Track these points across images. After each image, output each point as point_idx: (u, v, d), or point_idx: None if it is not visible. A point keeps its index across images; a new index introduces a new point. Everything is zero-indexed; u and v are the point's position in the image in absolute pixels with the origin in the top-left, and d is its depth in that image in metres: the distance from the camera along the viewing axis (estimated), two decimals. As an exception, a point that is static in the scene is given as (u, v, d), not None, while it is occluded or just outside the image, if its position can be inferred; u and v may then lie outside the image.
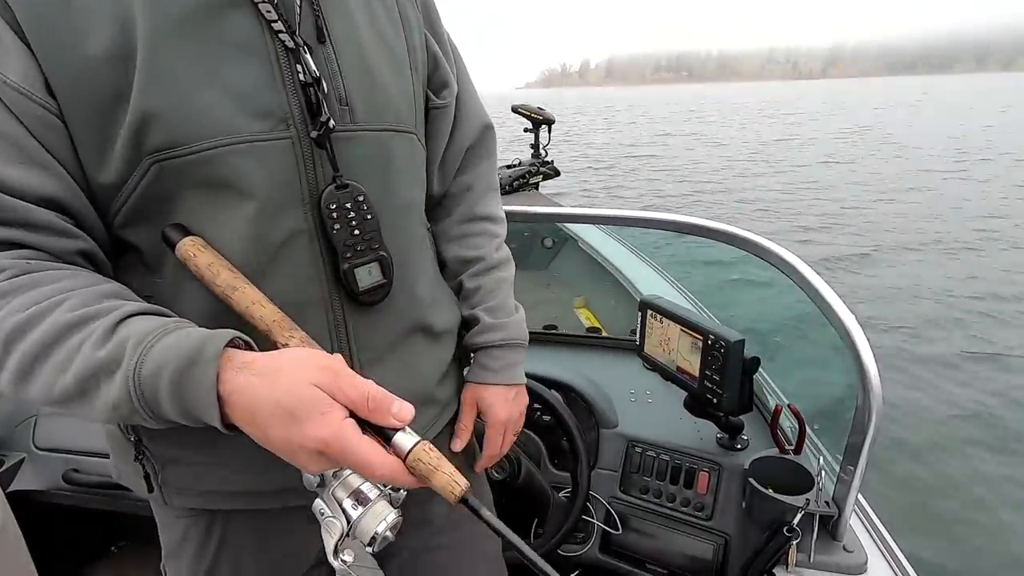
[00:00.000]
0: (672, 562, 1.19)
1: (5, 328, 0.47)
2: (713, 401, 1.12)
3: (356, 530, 0.50)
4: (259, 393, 0.46)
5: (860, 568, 0.95)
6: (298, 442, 0.45)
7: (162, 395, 0.46)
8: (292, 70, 0.57)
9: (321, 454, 0.46)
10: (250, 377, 0.46)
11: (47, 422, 1.61)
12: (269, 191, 0.57)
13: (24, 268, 0.50)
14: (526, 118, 5.59)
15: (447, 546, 0.84)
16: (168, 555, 0.74)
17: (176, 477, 0.66)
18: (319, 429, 0.45)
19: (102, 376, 0.47)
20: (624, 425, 1.31)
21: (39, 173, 0.51)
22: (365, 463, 0.46)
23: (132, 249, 0.59)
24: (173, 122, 0.52)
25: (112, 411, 0.47)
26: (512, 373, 0.82)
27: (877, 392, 0.88)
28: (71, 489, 1.53)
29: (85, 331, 0.47)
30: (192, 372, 0.46)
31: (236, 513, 0.69)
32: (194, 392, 0.46)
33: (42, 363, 0.47)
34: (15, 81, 0.49)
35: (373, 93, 0.64)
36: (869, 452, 0.91)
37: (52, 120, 0.51)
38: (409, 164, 0.70)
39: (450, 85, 0.76)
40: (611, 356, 1.59)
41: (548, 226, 3.76)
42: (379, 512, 0.50)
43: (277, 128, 0.57)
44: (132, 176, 0.54)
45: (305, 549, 0.75)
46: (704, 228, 1.18)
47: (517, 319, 0.84)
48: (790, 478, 1.03)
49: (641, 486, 1.25)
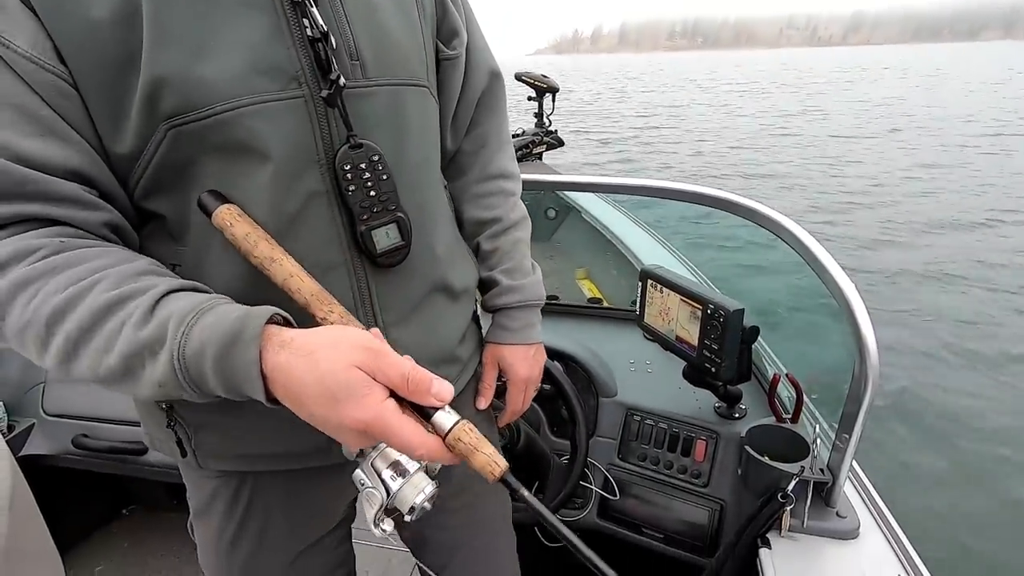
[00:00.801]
0: (668, 527, 1.22)
1: (45, 312, 0.47)
2: (712, 370, 1.13)
3: (395, 500, 0.51)
4: (300, 373, 0.46)
5: (852, 533, 0.97)
6: (338, 422, 0.46)
7: (207, 373, 0.47)
8: (299, 24, 0.55)
9: (362, 433, 0.47)
10: (291, 357, 0.46)
11: (56, 389, 1.64)
12: (285, 153, 0.56)
13: (57, 247, 0.49)
14: (530, 86, 5.48)
15: (461, 508, 0.86)
16: (197, 514, 0.76)
17: (209, 441, 0.67)
18: (360, 411, 0.46)
19: (146, 356, 0.47)
20: (623, 394, 1.32)
21: (60, 145, 0.50)
22: (406, 444, 0.47)
23: (154, 218, 0.59)
24: (184, 85, 0.51)
25: (158, 388, 0.48)
26: (531, 332, 0.85)
27: (874, 361, 0.89)
28: (81, 454, 1.56)
29: (124, 312, 0.48)
30: (235, 351, 0.46)
31: (266, 474, 0.70)
32: (238, 371, 0.47)
33: (84, 346, 0.48)
34: (25, 49, 0.47)
35: (384, 45, 0.62)
36: (865, 421, 0.92)
37: (66, 88, 0.50)
38: (423, 119, 0.68)
39: (460, 34, 0.73)
40: (612, 326, 1.60)
41: (551, 197, 3.73)
42: (417, 483, 0.51)
43: (289, 87, 0.55)
44: (149, 144, 0.53)
45: (331, 509, 0.78)
46: (705, 196, 1.17)
47: (534, 280, 0.85)
48: (786, 446, 1.04)
49: (639, 453, 1.26)
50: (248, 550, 0.74)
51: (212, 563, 0.76)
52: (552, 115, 5.66)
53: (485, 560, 0.90)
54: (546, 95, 5.57)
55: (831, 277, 0.93)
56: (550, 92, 5.56)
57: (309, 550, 0.77)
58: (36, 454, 1.58)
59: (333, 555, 0.81)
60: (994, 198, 7.75)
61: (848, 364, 0.94)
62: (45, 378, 1.65)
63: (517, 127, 5.74)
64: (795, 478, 0.95)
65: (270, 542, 0.74)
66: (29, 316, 0.48)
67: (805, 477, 0.96)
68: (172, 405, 0.65)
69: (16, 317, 0.48)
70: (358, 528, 0.86)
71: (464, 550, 0.88)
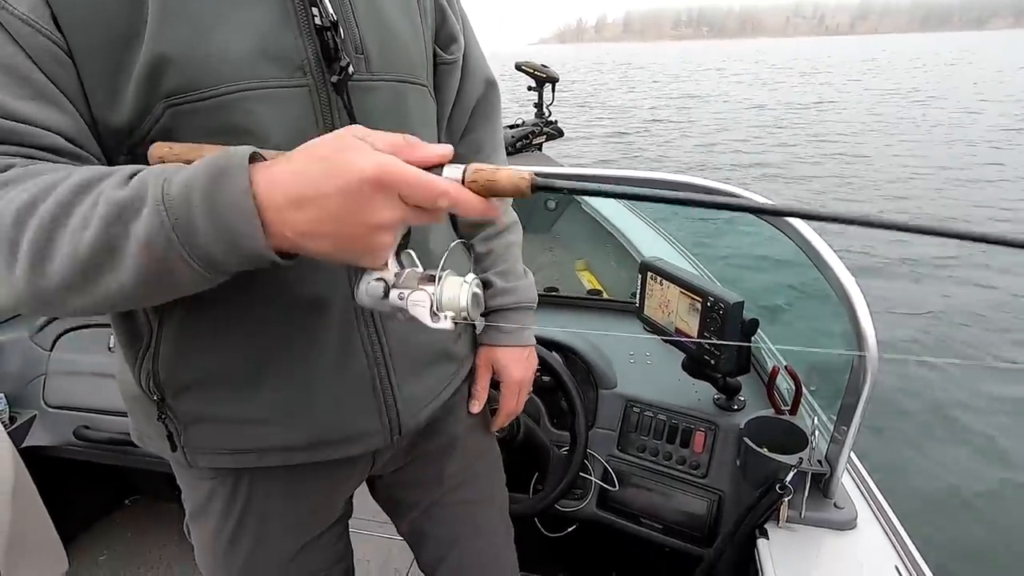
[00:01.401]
0: (667, 518, 1.23)
1: (13, 207, 0.44)
2: (711, 363, 1.13)
3: (441, 302, 0.49)
4: (297, 165, 0.44)
5: (850, 524, 0.98)
6: (357, 178, 0.42)
7: (196, 215, 0.43)
8: (307, 13, 0.55)
9: (383, 189, 0.43)
10: (282, 164, 0.44)
11: (57, 380, 1.64)
12: (286, 140, 0.54)
13: (27, 163, 0.48)
14: (529, 76, 5.46)
15: (459, 502, 0.87)
16: (192, 515, 0.75)
17: (201, 436, 0.65)
18: (373, 156, 0.43)
19: (129, 216, 0.43)
20: (623, 386, 1.33)
21: (49, 109, 0.49)
22: (432, 182, 0.44)
23: None
24: (188, 65, 0.51)
25: (146, 252, 0.43)
26: (524, 335, 0.86)
27: (873, 353, 0.89)
28: (82, 445, 1.57)
29: (97, 189, 0.44)
30: (224, 181, 0.43)
31: (264, 471, 0.69)
32: (231, 204, 0.42)
33: (60, 228, 0.44)
34: (23, 12, 0.47)
35: (388, 42, 0.62)
36: (863, 413, 0.92)
37: (61, 55, 0.49)
38: (424, 117, 0.69)
39: (458, 40, 0.74)
40: (611, 318, 1.60)
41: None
42: (454, 282, 0.50)
43: (294, 75, 0.55)
44: (146, 120, 0.52)
45: (329, 506, 0.78)
46: (703, 189, 1.17)
47: (527, 283, 0.87)
48: (784, 438, 1.05)
49: (638, 445, 1.27)
50: (246, 549, 0.73)
51: (210, 564, 0.76)
52: (552, 105, 5.64)
53: (483, 552, 0.91)
54: (546, 85, 5.55)
55: (830, 270, 0.93)
56: (550, 82, 5.53)
57: (308, 547, 0.76)
58: (38, 445, 1.59)
59: (332, 551, 0.81)
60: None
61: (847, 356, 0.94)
62: (46, 370, 1.66)
63: (517, 118, 5.72)
64: (793, 469, 0.96)
65: (268, 541, 0.73)
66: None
67: (803, 468, 0.96)
68: (164, 396, 0.64)
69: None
70: (356, 518, 0.87)
71: (462, 543, 0.89)
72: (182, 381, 0.62)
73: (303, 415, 0.65)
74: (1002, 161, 9.38)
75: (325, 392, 0.66)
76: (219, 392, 0.63)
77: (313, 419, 0.66)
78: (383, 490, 0.88)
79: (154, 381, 0.62)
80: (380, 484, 0.87)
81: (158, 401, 0.64)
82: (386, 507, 0.91)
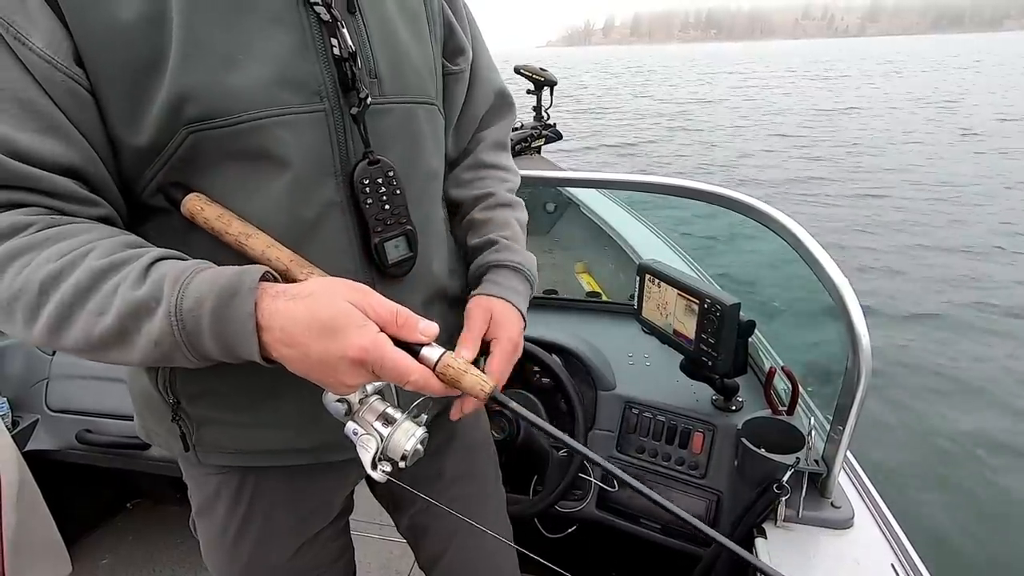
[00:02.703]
0: (666, 518, 1.23)
1: (38, 278, 0.48)
2: (708, 364, 1.14)
3: (388, 447, 0.54)
4: (298, 313, 0.48)
5: (847, 523, 0.99)
6: (339, 353, 0.48)
7: (203, 328, 0.48)
8: (325, 42, 0.57)
9: (360, 365, 0.49)
10: (287, 302, 0.49)
11: (59, 384, 1.65)
12: (303, 163, 0.58)
13: (49, 223, 0.50)
14: (528, 79, 5.48)
15: (458, 497, 0.88)
16: (199, 511, 0.76)
17: (212, 437, 0.67)
18: (359, 338, 0.48)
19: (143, 315, 0.48)
20: (622, 387, 1.34)
21: (59, 142, 0.51)
22: (403, 369, 0.49)
23: (163, 214, 0.59)
24: (210, 96, 0.52)
25: (153, 348, 0.49)
26: (521, 300, 0.74)
27: (867, 354, 0.90)
28: (85, 449, 1.58)
29: (119, 275, 0.49)
30: (232, 303, 0.48)
31: (268, 470, 0.71)
32: (234, 323, 0.48)
33: (79, 309, 0.48)
34: (40, 48, 0.48)
35: (399, 64, 0.64)
36: (858, 413, 0.93)
37: (77, 88, 0.50)
38: (432, 134, 0.71)
39: (465, 52, 0.76)
40: (610, 320, 1.61)
41: (549, 190, 3.73)
42: (407, 429, 0.54)
43: (311, 100, 0.57)
44: (169, 144, 0.54)
45: (330, 502, 0.79)
46: (705, 193, 1.18)
47: (531, 257, 0.79)
48: (782, 438, 1.06)
49: (637, 446, 1.28)
50: (252, 545, 0.75)
51: (216, 559, 0.78)
52: (550, 108, 5.66)
53: (482, 547, 0.92)
54: (544, 88, 5.57)
55: (825, 272, 0.94)
56: (548, 86, 5.55)
57: (310, 543, 0.78)
58: (41, 449, 1.59)
59: (333, 547, 0.83)
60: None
61: (843, 356, 0.95)
62: (48, 374, 1.67)
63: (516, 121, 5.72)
64: (790, 469, 0.97)
65: (273, 536, 0.75)
66: (21, 284, 0.48)
67: (800, 468, 0.97)
68: (179, 400, 0.66)
69: (6, 287, 0.48)
70: (357, 520, 0.87)
71: (461, 537, 0.89)
72: (200, 389, 0.65)
73: (312, 422, 0.67)
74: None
75: None
76: (235, 399, 0.65)
77: (321, 425, 0.67)
78: (382, 487, 0.89)
79: (171, 385, 0.65)
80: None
81: (173, 404, 0.66)
82: (386, 504, 0.93)
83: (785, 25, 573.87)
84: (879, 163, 9.94)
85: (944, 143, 11.44)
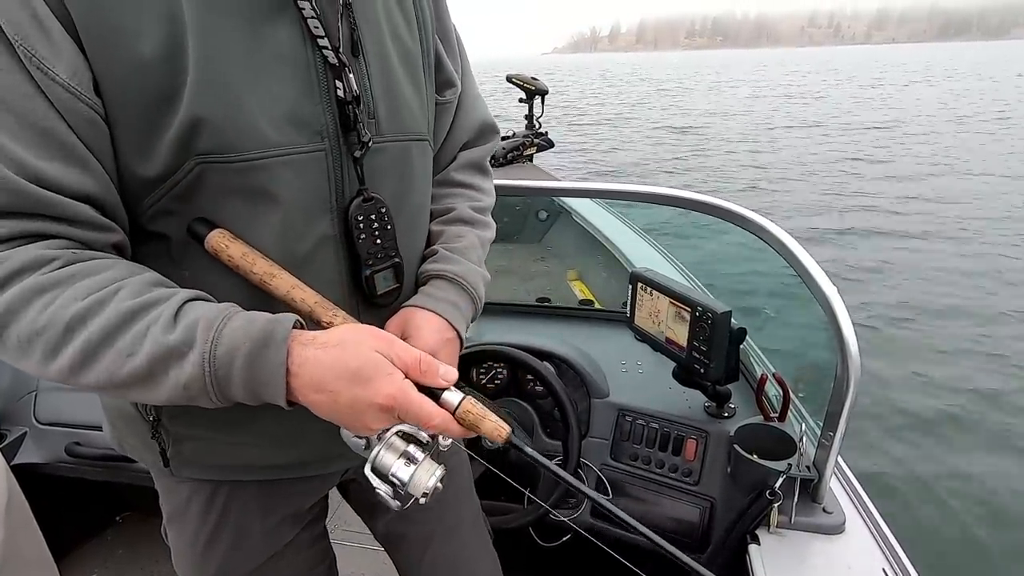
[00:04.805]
0: (660, 525, 1.24)
1: (65, 317, 0.48)
2: (701, 371, 1.15)
3: (410, 486, 0.56)
4: (328, 361, 0.51)
5: (839, 528, 1.00)
6: (368, 400, 0.51)
7: (235, 375, 0.50)
8: (330, 85, 0.59)
9: (387, 411, 0.52)
10: (316, 351, 0.51)
11: (47, 397, 1.63)
12: (301, 200, 0.59)
13: (71, 259, 0.51)
14: (520, 88, 5.52)
15: (435, 502, 0.87)
16: (170, 519, 0.77)
17: (190, 451, 0.68)
18: (388, 386, 0.51)
19: (173, 359, 0.49)
20: (615, 395, 1.34)
21: (78, 170, 0.51)
22: (426, 415, 0.52)
23: (157, 239, 0.60)
24: (222, 129, 0.54)
25: (182, 391, 0.50)
26: (453, 312, 0.70)
27: (856, 362, 0.91)
28: (74, 462, 1.56)
29: (149, 317, 0.50)
30: (265, 353, 0.50)
31: (243, 480, 0.72)
32: (266, 371, 0.50)
33: (106, 348, 0.49)
34: (64, 79, 0.49)
35: (395, 104, 0.66)
36: (848, 419, 0.94)
37: (95, 118, 0.51)
38: (423, 168, 0.73)
39: (455, 85, 0.77)
40: (603, 328, 1.62)
41: (542, 199, 3.75)
42: (428, 468, 0.56)
43: (313, 140, 0.59)
44: (176, 173, 0.55)
45: (304, 507, 0.79)
46: (695, 202, 1.20)
47: (478, 272, 0.75)
48: (774, 444, 1.07)
49: (631, 453, 1.28)
50: (224, 551, 0.75)
51: (187, 565, 0.78)
52: (542, 117, 5.69)
53: (458, 554, 0.92)
54: (536, 97, 5.60)
55: (813, 280, 0.96)
56: (539, 94, 5.59)
57: (284, 549, 0.78)
58: (29, 463, 1.57)
59: (309, 552, 0.83)
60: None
61: (833, 362, 0.96)
62: (36, 387, 1.65)
63: (507, 129, 5.76)
64: (783, 475, 0.97)
65: (245, 543, 0.75)
66: (46, 321, 0.48)
67: (792, 474, 0.98)
68: (159, 418, 0.66)
69: (28, 322, 0.48)
70: (347, 531, 0.87)
71: (437, 543, 0.90)
72: (181, 409, 0.63)
73: (291, 441, 0.69)
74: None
75: (314, 422, 0.67)
76: (216, 417, 0.64)
77: (301, 446, 0.70)
78: (357, 493, 0.90)
79: (152, 407, 0.65)
80: (353, 487, 0.88)
81: (153, 421, 0.66)
82: (360, 510, 0.92)
83: (791, 32, 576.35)
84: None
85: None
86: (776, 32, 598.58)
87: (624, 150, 13.52)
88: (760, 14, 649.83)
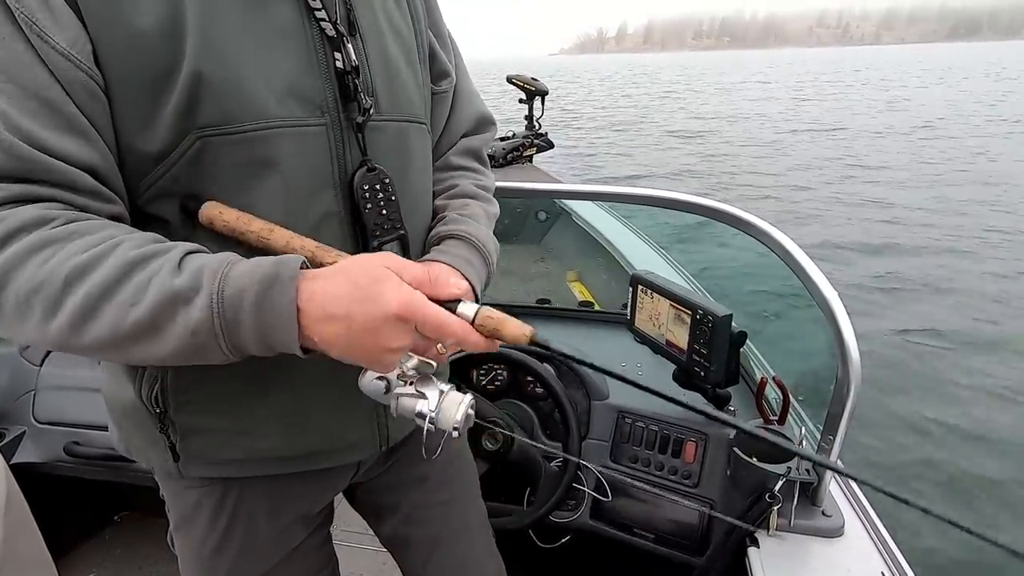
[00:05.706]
0: (659, 527, 1.24)
1: (64, 271, 0.47)
2: (701, 374, 1.15)
3: (439, 420, 0.55)
4: (336, 286, 0.50)
5: (838, 531, 1.00)
6: (382, 314, 0.49)
7: (244, 317, 0.49)
8: (329, 58, 0.59)
9: (403, 322, 0.50)
10: (323, 282, 0.50)
11: (46, 396, 1.63)
12: (304, 174, 0.60)
13: (72, 217, 0.50)
14: (520, 88, 5.53)
15: (442, 502, 0.88)
16: (177, 526, 0.76)
17: (197, 446, 0.67)
18: (399, 295, 0.50)
19: (180, 304, 0.48)
20: (615, 397, 1.34)
21: (80, 142, 0.51)
22: (444, 321, 0.52)
23: (156, 223, 0.59)
24: (222, 99, 0.53)
25: (190, 338, 0.49)
26: (468, 268, 0.69)
27: (856, 365, 0.91)
28: (73, 461, 1.56)
29: (151, 267, 0.49)
30: (273, 291, 0.49)
31: (251, 480, 0.71)
32: (276, 310, 0.49)
33: (108, 300, 0.47)
34: (64, 47, 0.49)
35: (393, 85, 0.67)
36: (848, 423, 0.94)
37: (95, 89, 0.51)
38: (422, 152, 0.73)
39: (449, 75, 0.78)
40: (603, 330, 1.62)
41: (542, 200, 3.75)
42: (455, 399, 0.55)
43: (314, 114, 0.59)
44: (177, 149, 0.54)
45: (312, 512, 0.79)
46: (695, 205, 1.20)
47: (489, 235, 0.75)
48: (773, 447, 1.07)
49: (631, 455, 1.29)
50: (232, 557, 0.74)
51: (195, 572, 0.77)
52: (541, 117, 5.70)
53: (466, 555, 0.92)
54: (536, 98, 5.61)
55: (814, 284, 0.96)
56: (539, 95, 5.60)
57: (292, 554, 0.78)
58: (28, 462, 1.57)
59: (315, 557, 0.83)
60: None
61: (833, 365, 0.96)
62: (35, 386, 1.65)
63: (507, 130, 5.77)
64: (782, 478, 0.98)
65: (254, 548, 0.75)
66: (44, 276, 0.47)
67: (792, 477, 0.98)
68: (166, 409, 0.65)
69: (26, 279, 0.47)
70: (348, 531, 0.87)
71: (443, 545, 0.90)
72: (187, 395, 0.64)
73: (299, 428, 0.68)
74: None
75: (321, 406, 0.68)
76: (222, 405, 0.65)
77: (309, 431, 0.69)
78: (363, 496, 0.89)
79: (161, 394, 0.64)
80: (360, 491, 0.88)
81: (160, 414, 0.65)
82: (366, 513, 0.92)
83: (799, 33, 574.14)
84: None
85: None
86: (784, 32, 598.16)
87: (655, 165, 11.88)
88: (769, 14, 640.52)
